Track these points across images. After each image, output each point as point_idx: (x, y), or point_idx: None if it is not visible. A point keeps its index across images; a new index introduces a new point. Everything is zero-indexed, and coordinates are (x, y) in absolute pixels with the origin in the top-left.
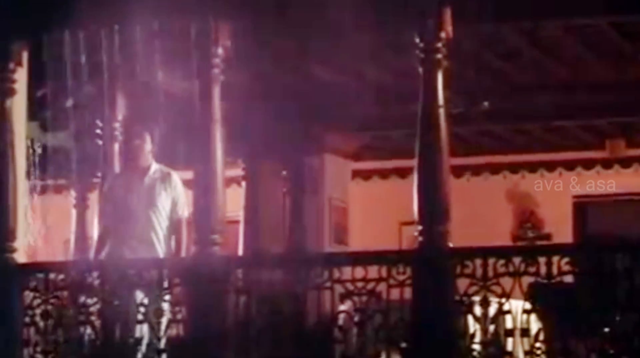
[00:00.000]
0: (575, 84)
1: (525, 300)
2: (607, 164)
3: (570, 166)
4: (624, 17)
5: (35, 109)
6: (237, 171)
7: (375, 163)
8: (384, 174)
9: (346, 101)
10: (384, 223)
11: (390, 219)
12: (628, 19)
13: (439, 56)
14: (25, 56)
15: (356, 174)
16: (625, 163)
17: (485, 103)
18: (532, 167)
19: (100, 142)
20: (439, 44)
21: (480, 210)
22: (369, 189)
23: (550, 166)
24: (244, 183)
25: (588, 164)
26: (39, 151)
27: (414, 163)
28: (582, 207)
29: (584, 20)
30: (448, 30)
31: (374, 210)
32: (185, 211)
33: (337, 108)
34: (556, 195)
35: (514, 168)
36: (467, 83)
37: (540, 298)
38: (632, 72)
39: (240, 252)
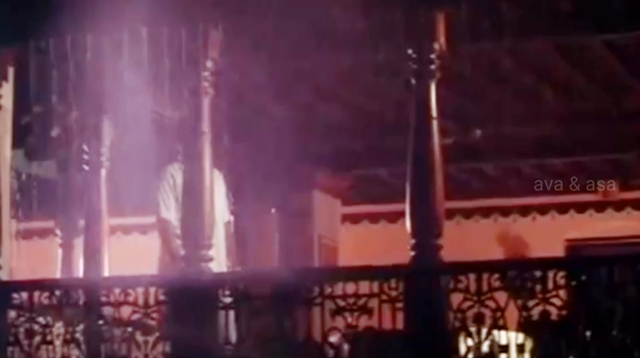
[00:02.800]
0: (568, 114)
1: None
2: (600, 207)
3: (562, 209)
4: (616, 35)
5: (20, 137)
6: None
7: (365, 206)
8: (373, 218)
9: (334, 132)
10: None
11: (380, 263)
12: (621, 39)
13: (432, 67)
14: (10, 71)
15: (346, 218)
16: (619, 206)
17: (478, 131)
18: (524, 210)
19: (86, 167)
20: (432, 56)
21: (471, 253)
22: (358, 233)
23: (543, 210)
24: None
25: (581, 208)
26: (23, 180)
27: (403, 207)
28: (575, 250)
29: (576, 39)
30: (441, 42)
31: (363, 254)
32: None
33: (324, 141)
34: (548, 238)
35: (506, 211)
36: (459, 110)
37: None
38: (629, 102)
39: None
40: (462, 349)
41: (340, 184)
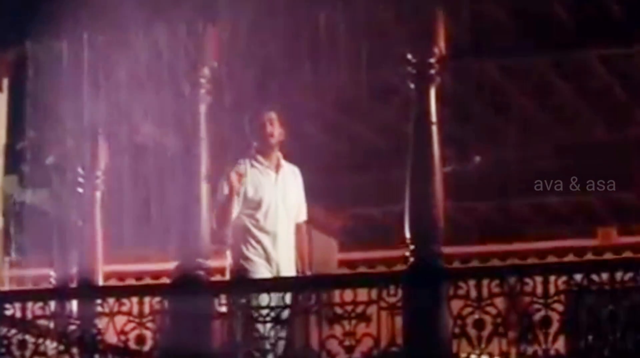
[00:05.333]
0: (567, 144)
1: None
2: (598, 252)
3: (561, 254)
4: (614, 50)
5: (15, 162)
6: None
7: (362, 253)
8: (370, 264)
9: (330, 166)
10: None
11: None
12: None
13: (432, 71)
14: (5, 83)
15: (342, 264)
16: (617, 251)
17: (477, 158)
18: (523, 255)
19: (80, 190)
20: (432, 60)
21: None
22: None
23: (541, 255)
24: None
25: (580, 253)
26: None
27: (399, 253)
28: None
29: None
30: (441, 46)
31: None
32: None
33: (320, 175)
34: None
35: (503, 257)
36: (457, 136)
37: None
38: (630, 132)
39: None
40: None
41: (336, 223)
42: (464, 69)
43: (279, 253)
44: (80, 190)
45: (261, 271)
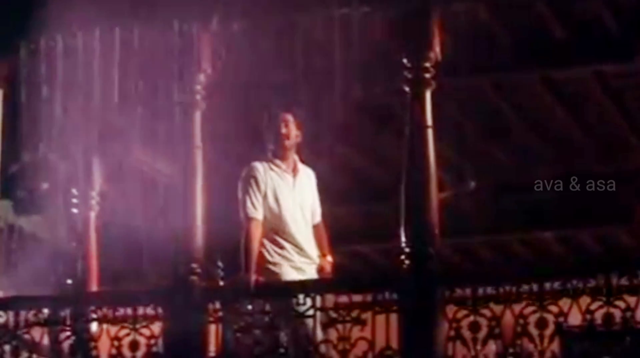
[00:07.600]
0: (562, 174)
1: None
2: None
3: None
4: (608, 66)
5: (9, 187)
6: None
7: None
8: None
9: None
10: None
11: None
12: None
13: (428, 75)
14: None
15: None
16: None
17: (472, 183)
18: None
19: (75, 210)
20: (428, 64)
21: None
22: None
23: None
24: None
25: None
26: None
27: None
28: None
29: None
30: (436, 51)
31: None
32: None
33: None
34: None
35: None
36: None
37: None
38: (631, 162)
39: None
40: None
41: None
42: (459, 89)
43: (302, 261)
44: (74, 211)
45: (290, 273)
